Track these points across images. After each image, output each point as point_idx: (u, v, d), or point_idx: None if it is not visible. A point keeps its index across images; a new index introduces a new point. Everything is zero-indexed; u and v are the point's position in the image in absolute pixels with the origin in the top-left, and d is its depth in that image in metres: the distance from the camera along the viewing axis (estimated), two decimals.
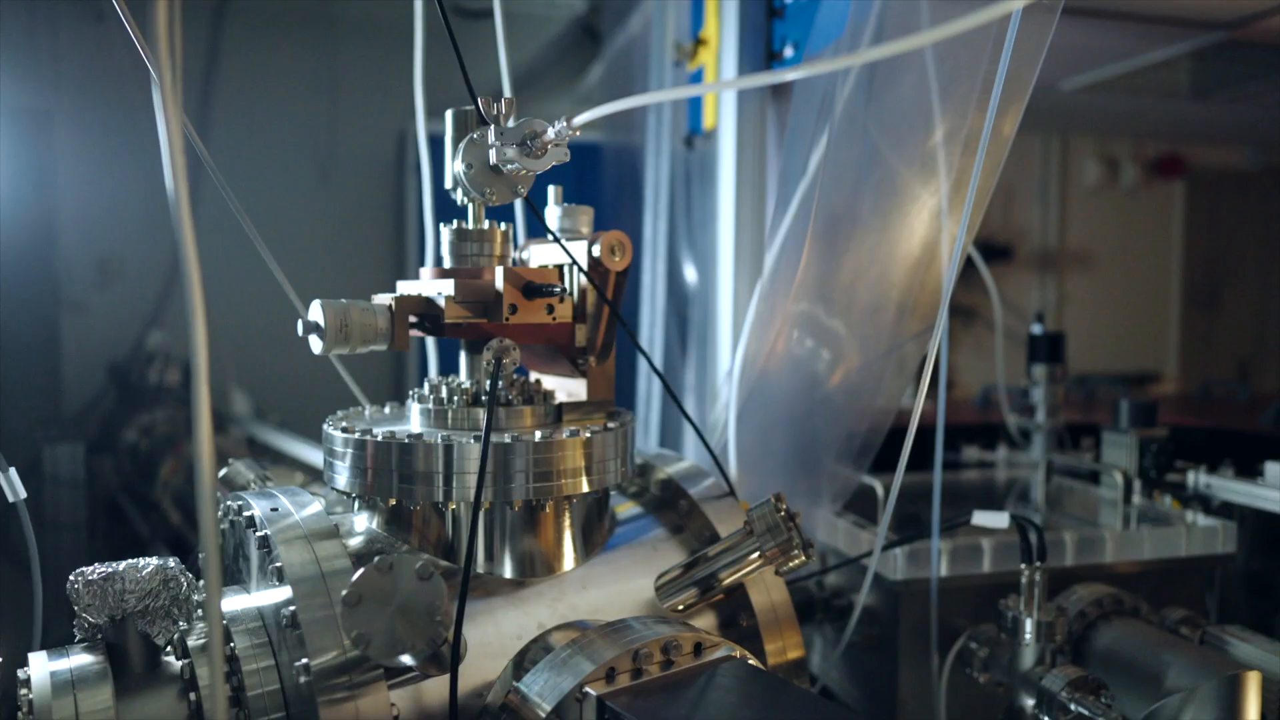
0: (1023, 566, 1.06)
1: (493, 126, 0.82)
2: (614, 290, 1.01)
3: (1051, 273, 4.74)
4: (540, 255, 1.07)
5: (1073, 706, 0.98)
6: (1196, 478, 1.42)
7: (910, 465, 1.23)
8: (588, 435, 0.91)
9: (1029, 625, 1.05)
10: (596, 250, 0.99)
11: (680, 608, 0.95)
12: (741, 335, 1.29)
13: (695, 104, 1.85)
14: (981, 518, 1.09)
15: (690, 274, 1.90)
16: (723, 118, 1.60)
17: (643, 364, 1.84)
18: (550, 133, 0.77)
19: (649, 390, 1.87)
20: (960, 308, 4.34)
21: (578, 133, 0.76)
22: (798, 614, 1.34)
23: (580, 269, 0.98)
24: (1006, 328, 2.22)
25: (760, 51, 1.58)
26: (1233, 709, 0.97)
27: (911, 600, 1.19)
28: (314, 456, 1.93)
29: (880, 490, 1.31)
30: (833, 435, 1.33)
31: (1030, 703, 1.04)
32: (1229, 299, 5.18)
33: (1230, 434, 2.00)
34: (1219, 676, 0.97)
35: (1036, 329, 1.73)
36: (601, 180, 2.65)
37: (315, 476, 1.27)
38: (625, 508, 1.11)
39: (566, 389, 1.06)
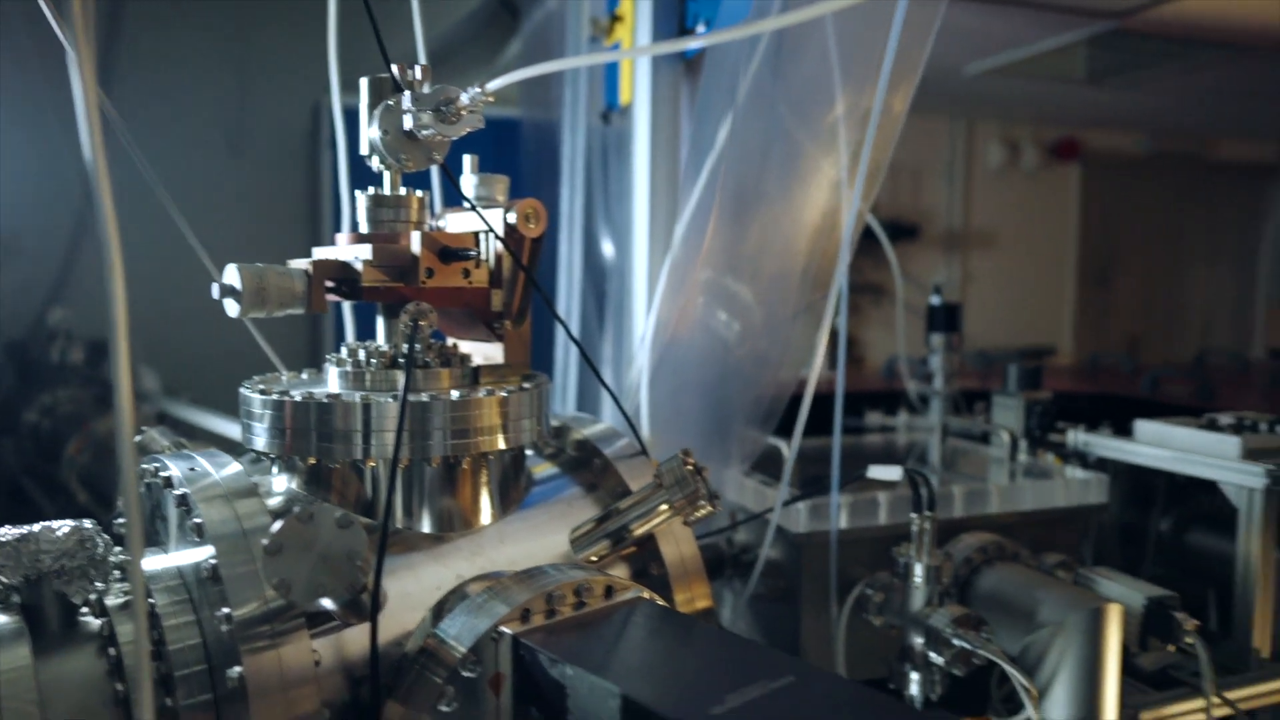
0: (914, 516, 1.14)
1: (408, 92, 0.84)
2: (529, 256, 1.04)
3: (957, 251, 4.94)
4: (457, 223, 1.10)
5: (955, 641, 1.07)
6: (1075, 436, 1.54)
7: (818, 430, 1.31)
8: (503, 394, 0.95)
9: (919, 570, 1.13)
10: (512, 217, 1.02)
11: (594, 559, 1.00)
12: (653, 304, 1.34)
13: (612, 80, 1.88)
14: (876, 471, 1.17)
15: (608, 247, 1.94)
16: (637, 93, 1.64)
17: (561, 334, 1.87)
18: (464, 98, 0.80)
19: (567, 359, 1.90)
20: (870, 285, 4.50)
21: (491, 99, 0.79)
22: (709, 570, 1.41)
23: (496, 235, 1.01)
24: (913, 303, 2.33)
25: (673, 28, 1.62)
26: (1096, 638, 1.07)
27: (813, 552, 1.26)
28: (231, 430, 1.91)
29: (785, 451, 1.38)
30: (742, 400, 1.40)
31: (920, 641, 1.12)
32: (1120, 277, 5.49)
33: (1112, 399, 2.16)
34: (1085, 610, 1.07)
35: (935, 301, 1.83)
36: (521, 154, 2.66)
37: (233, 451, 1.27)
38: (542, 468, 1.15)
39: (484, 353, 1.09)
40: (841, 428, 2.03)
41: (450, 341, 1.08)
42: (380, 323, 1.04)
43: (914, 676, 1.13)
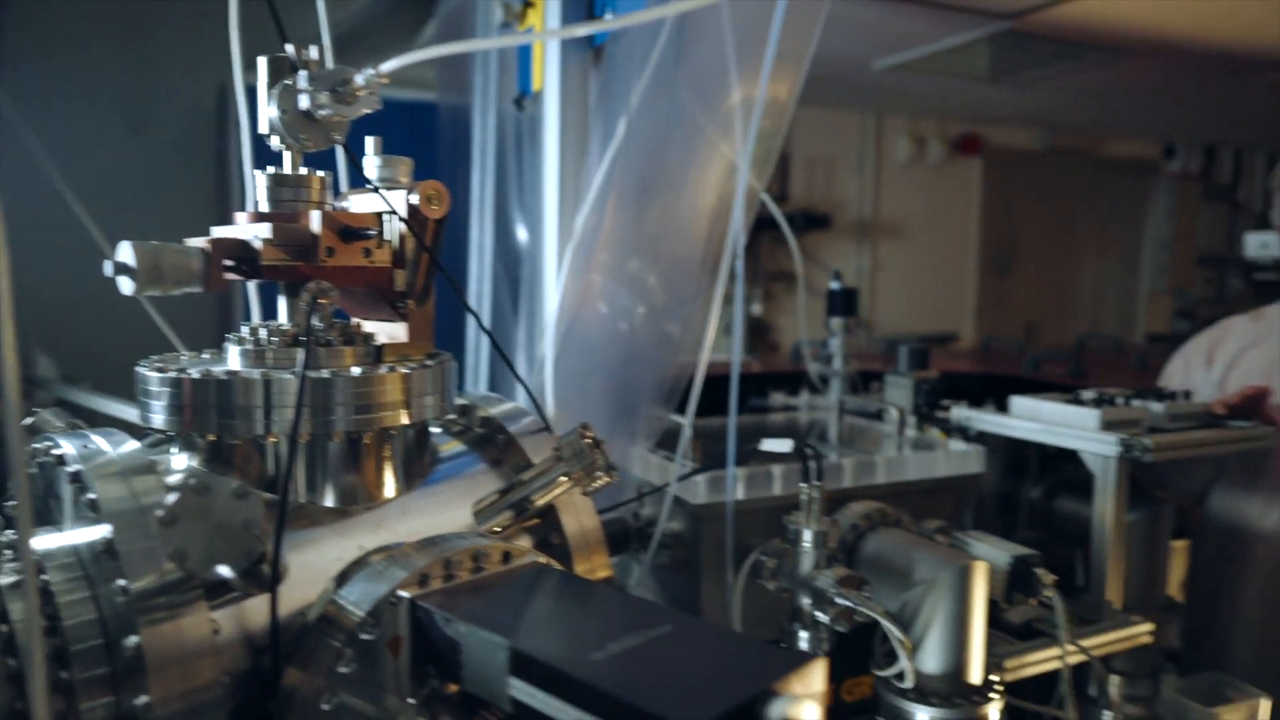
0: (803, 486, 1.22)
1: (304, 72, 0.86)
2: (432, 237, 1.07)
3: (867, 241, 5.11)
4: (360, 204, 1.11)
5: (839, 600, 1.14)
6: (958, 412, 1.65)
7: (725, 409, 1.36)
8: (405, 371, 0.97)
9: (807, 536, 1.20)
10: (414, 199, 1.04)
11: (498, 530, 1.04)
12: (557, 285, 1.38)
13: (525, 66, 1.90)
14: (769, 444, 1.24)
15: (522, 233, 1.97)
16: (547, 79, 1.67)
17: (474, 323, 1.89)
18: (360, 79, 0.82)
19: (479, 341, 1.93)
20: (785, 273, 4.63)
21: (386, 80, 0.82)
22: (616, 543, 1.46)
23: (398, 216, 1.03)
24: (821, 289, 2.42)
25: (582, 15, 1.65)
26: (964, 593, 1.16)
27: (712, 522, 1.33)
28: (132, 416, 1.87)
29: (688, 428, 1.44)
30: (647, 379, 1.45)
31: (807, 601, 1.19)
32: (1019, 267, 5.77)
33: (997, 378, 2.30)
34: (955, 567, 1.16)
35: (834, 286, 1.91)
36: (439, 138, 2.66)
37: (137, 436, 1.26)
38: (449, 446, 1.18)
39: (388, 333, 1.11)
40: (748, 407, 2.11)
41: (354, 321, 1.10)
42: (282, 301, 1.05)
43: (803, 635, 1.20)
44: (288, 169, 1.00)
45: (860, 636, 1.23)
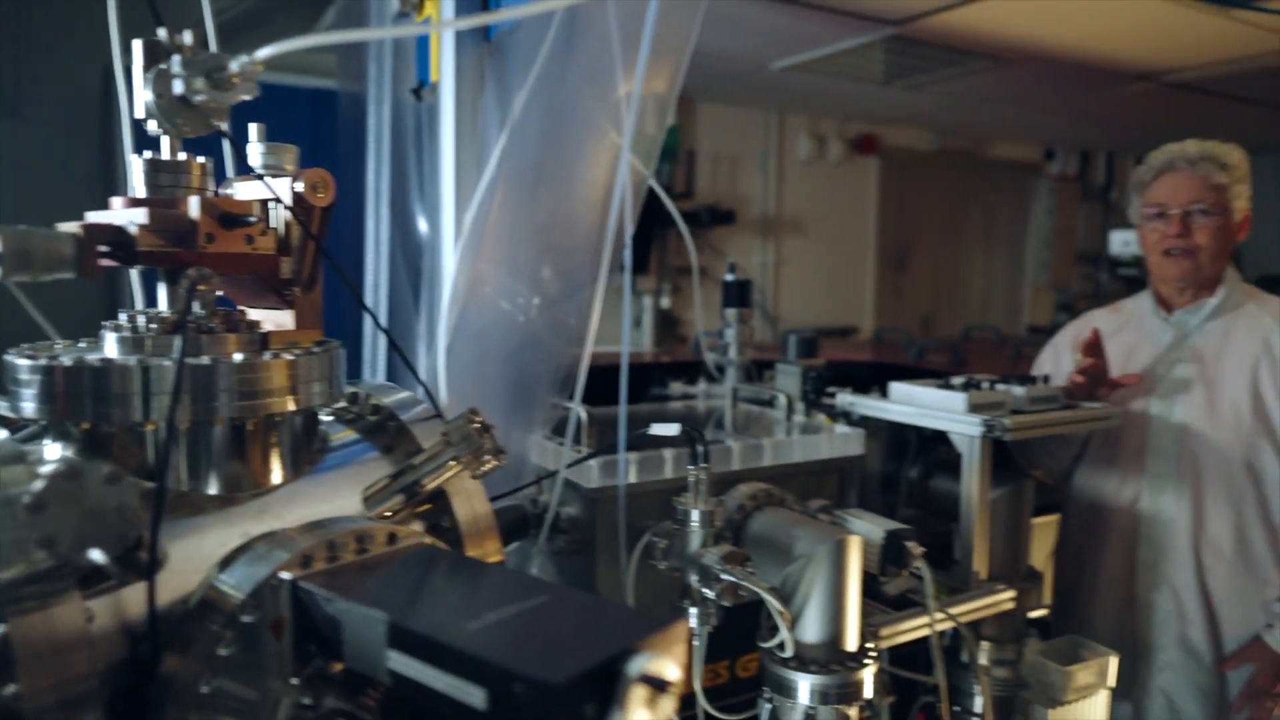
0: (690, 468, 1.27)
1: (177, 57, 0.85)
2: (319, 225, 1.07)
3: (771, 236, 5.25)
4: (245, 191, 1.11)
5: (724, 576, 1.20)
6: (842, 398, 1.73)
7: (607, 399, 1.39)
8: (290, 357, 0.98)
9: (695, 516, 1.25)
10: (299, 186, 1.04)
11: (388, 514, 1.05)
12: (449, 275, 1.39)
13: (423, 55, 1.90)
14: (657, 429, 1.28)
15: (423, 224, 1.96)
16: (443, 70, 1.67)
17: (374, 307, 1.88)
18: (235, 65, 0.82)
19: (376, 333, 1.91)
20: (688, 267, 4.72)
21: (261, 67, 0.82)
22: (516, 530, 1.49)
23: (282, 203, 1.03)
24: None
25: (478, 5, 1.66)
26: (840, 566, 1.23)
27: (606, 506, 1.36)
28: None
29: (584, 415, 1.47)
30: (543, 367, 1.48)
31: (695, 578, 1.25)
32: (914, 262, 6.02)
33: (884, 366, 2.42)
34: (831, 542, 1.23)
35: (729, 278, 1.98)
36: (339, 128, 2.62)
37: (11, 429, 1.21)
38: (342, 435, 1.18)
39: (276, 321, 1.11)
40: (649, 396, 2.15)
41: (240, 309, 1.09)
42: (162, 289, 1.03)
43: (692, 611, 1.25)
44: (166, 154, 0.99)
45: (753, 615, 1.29)
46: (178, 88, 0.86)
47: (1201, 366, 1.94)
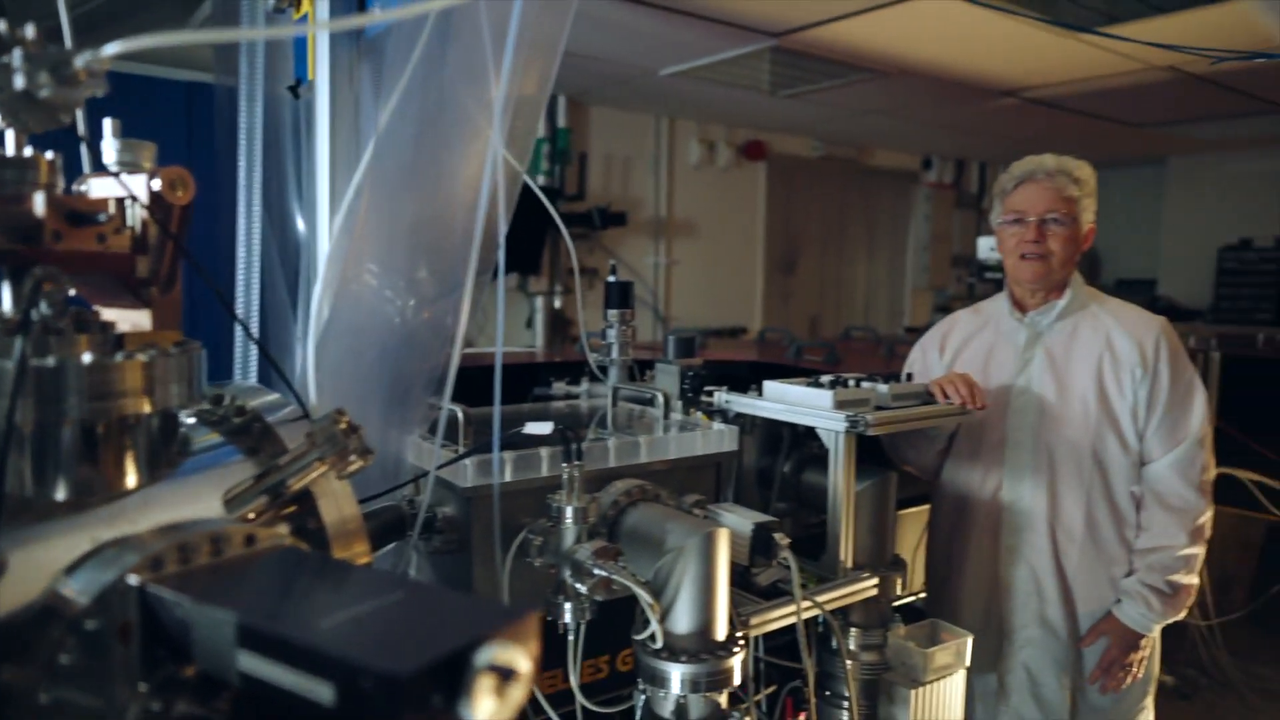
0: (564, 466, 1.29)
1: (18, 50, 0.83)
2: (178, 224, 1.04)
3: (663, 238, 5.33)
4: (100, 188, 1.07)
5: (596, 570, 1.23)
6: (719, 396, 1.79)
7: (509, 398, 1.39)
8: (144, 358, 0.95)
9: (569, 512, 1.28)
10: (156, 184, 1.02)
11: (251, 517, 1.03)
12: (318, 275, 1.38)
13: (301, 52, 1.86)
14: (531, 427, 1.30)
15: (301, 225, 1.92)
16: (318, 69, 1.65)
17: (246, 311, 1.83)
18: (79, 61, 0.80)
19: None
20: (585, 268, 4.75)
21: (109, 64, 0.80)
22: (391, 531, 1.48)
23: (138, 201, 1.00)
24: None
25: (354, 4, 1.65)
26: (709, 558, 1.27)
27: (481, 505, 1.38)
28: None
29: (460, 415, 1.48)
30: (420, 367, 1.47)
31: (569, 574, 1.27)
32: (803, 265, 6.22)
33: (766, 366, 2.51)
34: (700, 535, 1.28)
35: (611, 279, 2.01)
36: (215, 124, 2.53)
37: None
38: (206, 437, 1.15)
39: (133, 321, 1.07)
40: (532, 396, 2.16)
41: (95, 309, 1.05)
42: (5, 289, 0.99)
43: (566, 606, 1.28)
44: (11, 150, 0.95)
45: (632, 609, 1.32)
46: (19, 83, 0.83)
47: (1053, 363, 2.09)
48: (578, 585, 1.26)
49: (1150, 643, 2.04)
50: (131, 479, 0.99)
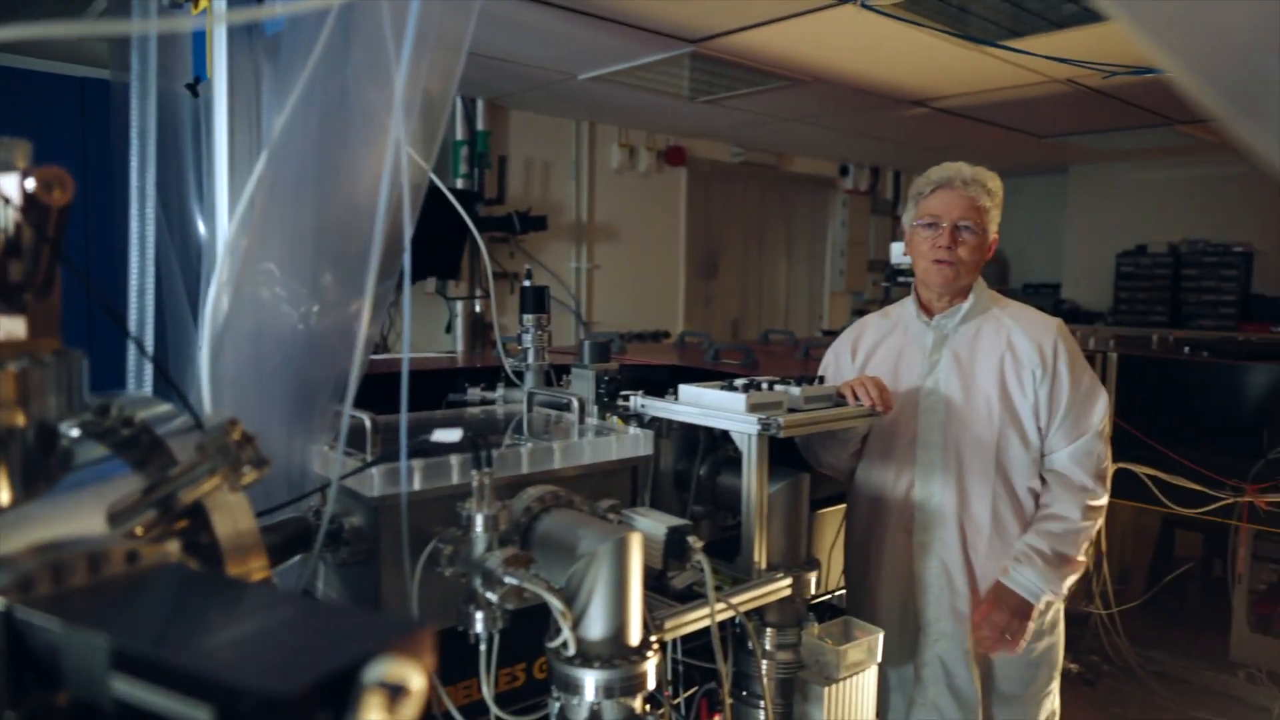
0: (474, 473, 1.27)
1: None
2: (54, 227, 0.99)
3: (584, 242, 5.32)
4: None
5: (507, 579, 1.21)
6: (635, 400, 1.79)
7: (419, 404, 1.35)
8: (15, 368, 0.90)
9: (479, 520, 1.26)
10: (30, 184, 0.96)
11: (140, 533, 0.98)
12: (211, 281, 1.33)
13: (200, 49, 1.79)
14: (439, 434, 1.28)
15: (203, 227, 1.85)
16: (215, 66, 1.59)
17: (141, 315, 1.75)
18: None
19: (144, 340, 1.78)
20: (506, 272, 4.71)
21: None
22: (297, 545, 1.43)
23: (10, 203, 0.95)
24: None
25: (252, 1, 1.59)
26: (621, 563, 1.27)
27: (389, 514, 1.34)
28: None
29: (368, 422, 1.44)
30: (325, 375, 1.43)
31: (480, 583, 1.25)
32: (724, 269, 6.29)
33: (684, 369, 2.52)
34: (612, 540, 1.27)
35: (525, 284, 2.00)
36: (111, 121, 2.42)
37: None
38: (91, 451, 1.09)
39: (6, 329, 1.01)
40: (447, 402, 2.13)
41: None
42: None
43: (478, 616, 1.26)
44: None
45: (549, 616, 1.30)
46: None
47: (959, 365, 2.16)
48: (489, 594, 1.24)
49: (1037, 614, 2.07)
50: (4, 496, 0.93)
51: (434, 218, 1.81)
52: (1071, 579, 2.08)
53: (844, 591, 2.42)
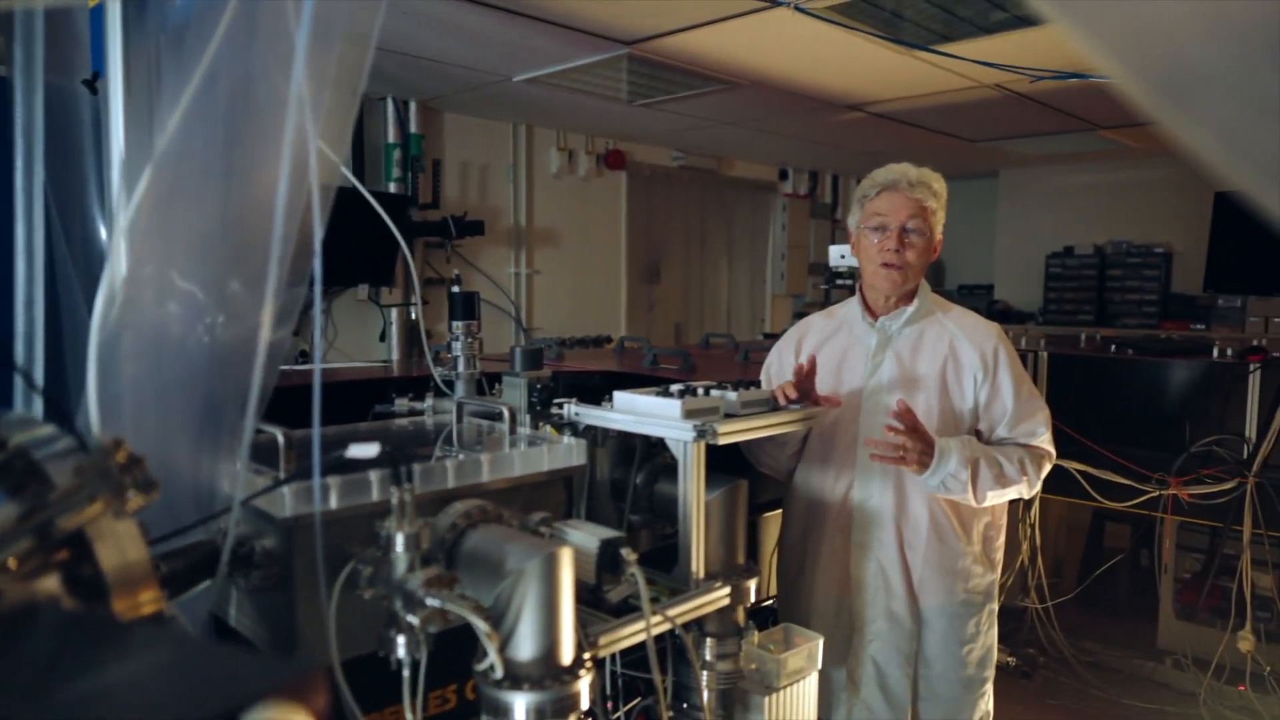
0: (393, 489, 1.20)
1: None
2: None
3: (523, 247, 5.24)
4: None
5: (428, 601, 1.14)
6: (568, 408, 1.73)
7: (337, 417, 1.26)
8: None
9: (399, 540, 1.19)
10: None
11: (14, 565, 0.89)
12: (99, 292, 1.24)
13: (97, 43, 1.68)
14: (355, 450, 1.20)
15: (104, 232, 1.73)
16: (110, 58, 1.49)
17: (24, 334, 1.63)
18: None
19: (32, 358, 1.66)
20: (442, 278, 4.60)
21: None
22: (204, 570, 1.34)
23: None
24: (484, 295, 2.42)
25: None
26: (551, 579, 1.21)
27: (303, 534, 1.26)
28: None
29: (281, 438, 1.36)
30: (232, 389, 1.34)
31: (401, 606, 1.18)
32: (666, 273, 6.27)
33: (622, 375, 2.47)
34: (541, 555, 1.21)
35: (454, 290, 1.92)
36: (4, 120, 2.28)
37: None
38: None
39: None
40: (373, 414, 2.04)
41: None
42: None
43: (399, 640, 1.18)
44: None
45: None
46: None
47: (901, 366, 2.16)
48: (410, 617, 1.17)
49: (933, 467, 1.98)
50: None
51: (363, 222, 1.73)
52: (989, 491, 2.01)
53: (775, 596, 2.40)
